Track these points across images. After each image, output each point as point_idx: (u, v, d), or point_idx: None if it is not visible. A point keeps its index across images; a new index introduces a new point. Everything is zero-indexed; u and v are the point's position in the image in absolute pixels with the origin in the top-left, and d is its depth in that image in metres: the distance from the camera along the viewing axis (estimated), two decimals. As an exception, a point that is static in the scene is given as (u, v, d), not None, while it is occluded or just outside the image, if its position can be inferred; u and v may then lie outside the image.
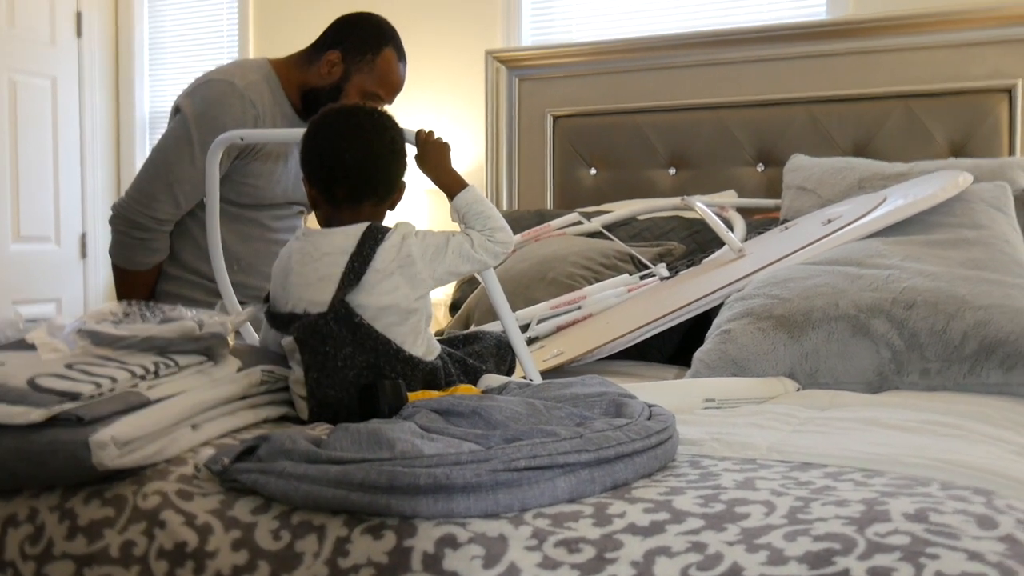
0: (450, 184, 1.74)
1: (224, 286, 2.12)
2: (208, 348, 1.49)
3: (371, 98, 2.47)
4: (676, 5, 3.76)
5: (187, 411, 1.35)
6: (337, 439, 1.23)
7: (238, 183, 2.46)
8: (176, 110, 2.46)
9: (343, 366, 1.55)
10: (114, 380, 1.32)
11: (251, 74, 2.46)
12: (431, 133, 1.80)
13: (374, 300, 1.56)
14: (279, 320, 1.64)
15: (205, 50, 4.58)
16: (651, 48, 3.45)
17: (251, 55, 4.32)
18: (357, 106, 1.73)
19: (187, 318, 1.49)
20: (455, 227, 1.71)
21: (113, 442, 1.22)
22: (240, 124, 2.36)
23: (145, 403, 1.31)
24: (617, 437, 1.19)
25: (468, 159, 3.85)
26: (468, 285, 3.02)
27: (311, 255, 1.61)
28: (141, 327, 1.44)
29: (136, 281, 2.50)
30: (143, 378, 1.37)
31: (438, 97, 3.99)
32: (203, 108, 2.39)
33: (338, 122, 1.68)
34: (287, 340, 1.61)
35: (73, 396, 1.28)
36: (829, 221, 2.33)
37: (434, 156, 1.77)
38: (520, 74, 3.65)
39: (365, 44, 2.46)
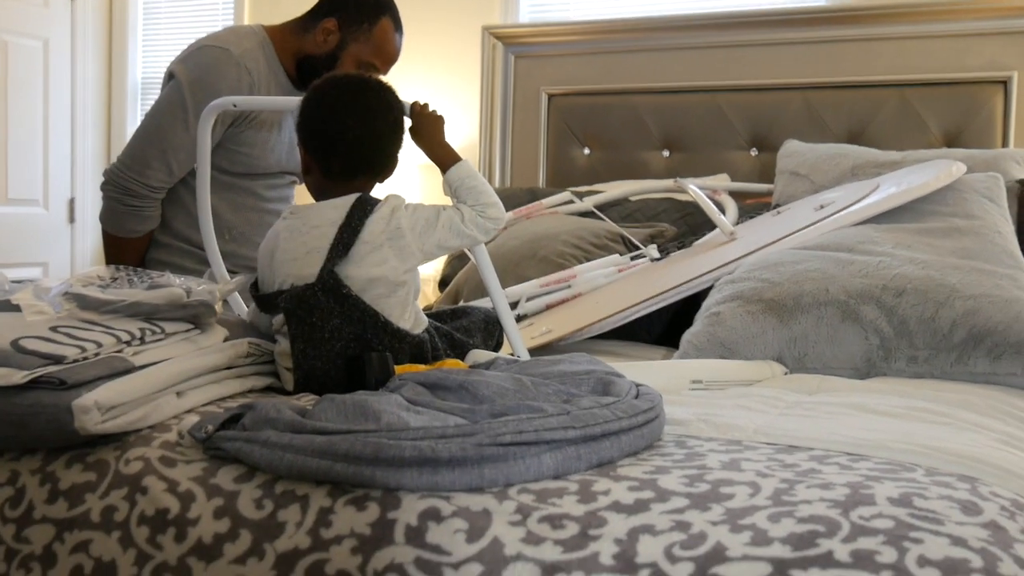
0: (443, 157, 1.72)
1: (213, 255, 2.10)
2: (195, 316, 1.48)
3: (366, 68, 2.44)
4: (675, -14, 3.74)
5: (172, 378, 1.34)
6: (323, 409, 1.22)
7: (231, 151, 2.44)
8: (170, 76, 2.44)
9: (330, 337, 1.53)
10: (99, 344, 1.32)
11: (246, 41, 2.44)
12: (426, 106, 1.78)
13: (363, 272, 1.55)
14: (266, 302, 1.61)
15: (200, 16, 4.54)
16: (648, 29, 3.44)
17: (246, 22, 4.28)
18: (362, 79, 1.71)
19: (175, 285, 1.48)
20: (447, 201, 1.70)
21: (96, 407, 1.21)
22: (235, 91, 2.34)
23: (130, 369, 1.31)
24: (604, 415, 1.19)
25: (462, 135, 3.84)
26: (458, 260, 3.02)
27: (299, 230, 1.59)
28: (128, 292, 1.43)
29: (126, 248, 2.48)
30: (128, 344, 1.36)
31: (433, 72, 3.97)
32: (198, 74, 2.37)
33: (344, 95, 1.66)
34: (276, 317, 1.59)
35: (57, 359, 1.27)
36: (822, 207, 2.33)
37: (428, 129, 1.75)
38: (516, 51, 3.63)
39: (362, 13, 2.44)
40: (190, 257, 2.47)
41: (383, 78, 1.75)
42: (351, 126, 1.63)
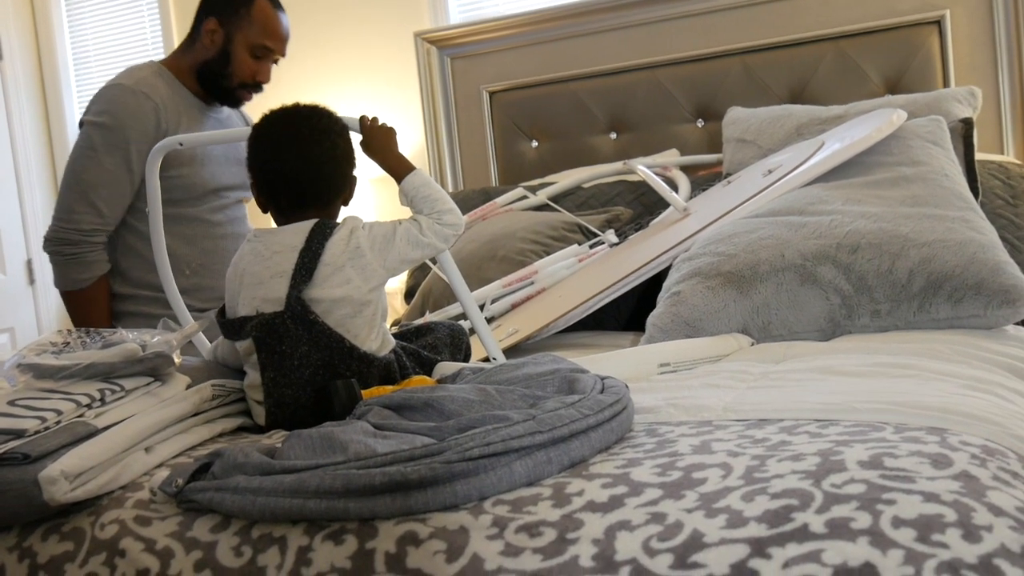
0: (397, 168, 1.74)
1: (173, 296, 2.09)
2: (154, 368, 1.47)
3: (260, 52, 2.47)
4: (601, -32, 3.72)
5: (138, 435, 1.33)
6: (290, 447, 1.22)
7: (163, 179, 2.43)
8: (80, 125, 2.49)
9: (299, 365, 1.54)
10: (59, 412, 1.31)
11: (138, 72, 2.49)
12: (375, 119, 1.80)
13: (327, 293, 1.55)
14: (232, 327, 1.62)
15: (131, 58, 4.50)
16: (579, 14, 3.43)
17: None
18: (295, 110, 1.70)
19: (129, 340, 1.46)
20: (405, 212, 1.71)
21: (63, 476, 1.20)
22: (137, 117, 2.39)
23: (93, 432, 1.29)
24: (570, 415, 1.19)
25: (408, 143, 3.82)
26: (420, 272, 3.01)
27: (262, 254, 1.60)
28: (82, 354, 1.42)
29: (85, 301, 2.47)
30: (89, 407, 1.35)
31: (371, 84, 3.95)
32: (98, 112, 2.43)
33: (275, 130, 1.67)
34: (243, 343, 1.59)
35: (18, 433, 1.26)
36: (770, 171, 2.33)
37: (380, 141, 1.78)
38: (451, 53, 3.62)
39: (235, 1, 2.46)
40: (155, 303, 2.45)
41: (324, 105, 1.74)
42: (287, 160, 1.64)
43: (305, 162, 1.64)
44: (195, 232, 2.51)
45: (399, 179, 1.72)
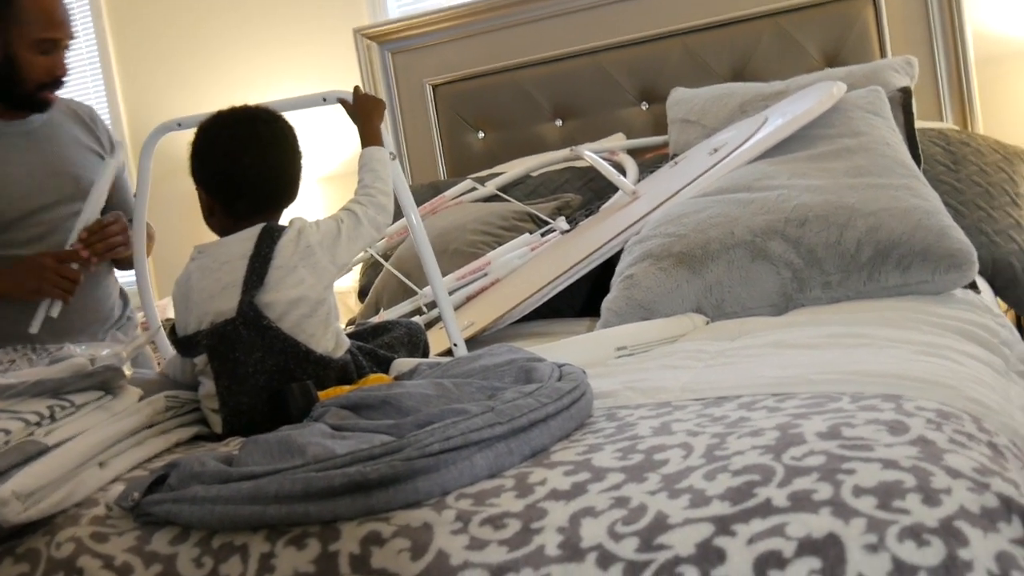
0: (369, 137, 1.79)
1: (145, 293, 2.03)
2: (104, 382, 1.44)
3: (46, 46, 2.14)
4: (537, -44, 3.71)
5: (90, 450, 1.31)
6: (248, 453, 1.20)
7: None
8: None
9: (254, 372, 1.53)
10: (7, 432, 1.28)
11: None
12: (368, 93, 1.87)
13: (282, 295, 1.54)
14: (186, 344, 1.60)
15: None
16: (518, 2, 3.42)
17: (114, 72, 4.15)
18: (252, 112, 1.69)
19: (77, 355, 1.44)
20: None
21: (14, 496, 1.17)
22: None
23: (44, 450, 1.27)
24: (528, 404, 1.18)
25: (354, 143, 3.78)
26: (373, 270, 2.99)
27: (210, 268, 1.58)
28: (29, 372, 1.39)
29: None
30: (38, 424, 1.32)
31: (312, 83, 3.91)
32: None
33: (236, 132, 1.66)
34: (200, 358, 1.57)
35: (-35, 456, 1.23)
36: (715, 150, 2.34)
37: (366, 109, 1.83)
38: (392, 48, 3.59)
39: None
40: None
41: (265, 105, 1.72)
42: (249, 164, 1.63)
43: (270, 167, 1.65)
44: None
45: (364, 145, 1.77)
